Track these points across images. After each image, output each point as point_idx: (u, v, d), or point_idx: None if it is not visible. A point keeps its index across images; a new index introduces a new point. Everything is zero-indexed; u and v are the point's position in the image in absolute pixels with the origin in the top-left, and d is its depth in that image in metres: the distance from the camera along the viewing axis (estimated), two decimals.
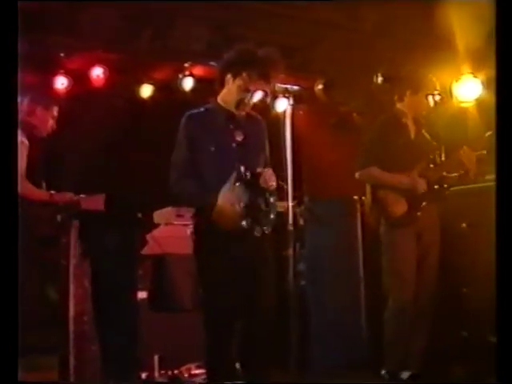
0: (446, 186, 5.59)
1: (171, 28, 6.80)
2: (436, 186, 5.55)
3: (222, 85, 4.39)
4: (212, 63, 6.96)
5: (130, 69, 7.12)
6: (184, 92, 7.26)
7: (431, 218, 5.61)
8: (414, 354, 5.56)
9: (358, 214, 6.93)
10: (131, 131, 7.18)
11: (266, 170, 4.23)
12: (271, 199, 4.19)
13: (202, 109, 4.39)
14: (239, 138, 4.28)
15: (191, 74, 7.31)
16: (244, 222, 4.05)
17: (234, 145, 4.26)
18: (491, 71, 6.41)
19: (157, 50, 6.84)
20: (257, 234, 4.07)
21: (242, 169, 4.10)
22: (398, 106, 5.76)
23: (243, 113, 4.34)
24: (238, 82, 4.29)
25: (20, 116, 5.04)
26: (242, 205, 4.04)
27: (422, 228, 5.54)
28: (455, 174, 5.61)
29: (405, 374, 5.55)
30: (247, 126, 4.33)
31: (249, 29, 6.78)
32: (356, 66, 7.27)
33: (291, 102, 6.37)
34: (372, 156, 5.57)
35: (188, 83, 7.30)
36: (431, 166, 5.57)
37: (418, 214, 5.50)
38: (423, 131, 5.74)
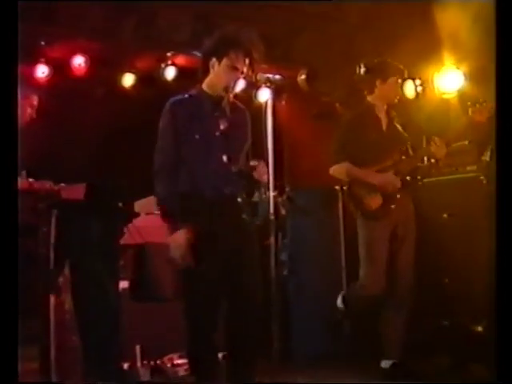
0: (418, 177, 5.59)
1: (154, 17, 6.81)
2: (408, 178, 5.56)
3: (206, 71, 4.31)
4: (194, 52, 6.96)
5: (111, 58, 7.10)
6: (166, 81, 7.24)
7: (406, 210, 5.64)
8: (394, 343, 5.56)
9: (340, 204, 6.89)
10: (112, 120, 7.10)
11: (258, 163, 4.21)
12: (263, 192, 4.13)
13: (186, 95, 4.32)
14: (223, 127, 4.18)
15: (173, 64, 7.29)
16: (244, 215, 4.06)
17: (217, 133, 4.18)
18: (473, 63, 6.43)
19: (139, 40, 6.83)
20: (257, 222, 4.11)
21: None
22: (369, 98, 5.78)
23: (231, 97, 4.25)
24: (226, 62, 4.21)
25: None
26: None
27: (397, 220, 5.58)
28: (427, 163, 5.63)
29: (386, 363, 5.55)
30: (232, 114, 4.25)
31: (231, 18, 6.67)
32: (339, 57, 7.28)
33: (273, 92, 6.33)
34: (344, 151, 5.59)
35: (170, 73, 7.27)
36: (403, 157, 5.55)
37: (393, 207, 5.52)
38: (395, 123, 5.73)
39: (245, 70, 4.22)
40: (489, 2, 3.90)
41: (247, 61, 4.21)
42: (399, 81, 5.70)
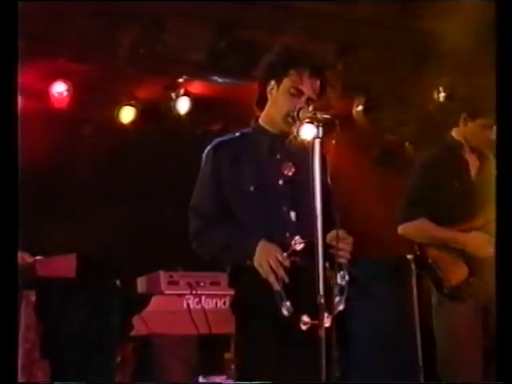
0: None
1: (160, 30, 6.76)
2: None
3: (264, 101, 4.17)
4: (214, 78, 7.13)
5: (104, 85, 7.03)
6: (178, 116, 7.24)
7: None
8: None
9: (414, 280, 6.64)
10: (105, 169, 7.11)
11: (339, 232, 3.91)
12: (339, 278, 3.89)
13: (236, 134, 4.20)
14: (289, 173, 4.03)
15: (187, 93, 7.31)
16: (285, 309, 3.73)
17: (281, 182, 4.04)
18: None
19: (141, 60, 6.77)
20: (303, 326, 3.70)
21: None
22: (454, 133, 5.57)
23: (294, 131, 4.00)
24: (286, 84, 4.03)
25: None
26: (280, 272, 3.77)
27: (490, 300, 5.25)
28: None
29: None
30: (300, 155, 3.97)
31: (260, 30, 6.78)
32: (409, 79, 7.14)
33: (321, 130, 6.14)
34: (419, 204, 5.38)
35: (183, 104, 7.30)
36: None
37: (483, 281, 5.21)
38: (489, 168, 5.49)
39: (312, 94, 4.01)
40: None
41: (317, 83, 4.05)
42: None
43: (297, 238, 3.79)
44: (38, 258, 5.46)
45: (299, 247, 3.78)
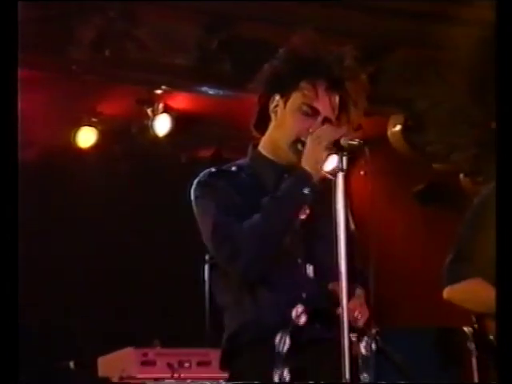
0: None
1: (132, 26, 6.84)
2: None
3: (265, 121, 4.09)
4: (203, 89, 7.29)
5: (56, 98, 6.86)
6: (155, 139, 7.11)
7: None
8: None
9: (474, 360, 6.15)
10: (55, 211, 6.98)
11: (357, 291, 3.80)
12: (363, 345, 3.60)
13: (232, 168, 4.14)
14: (302, 215, 3.90)
15: (167, 109, 7.38)
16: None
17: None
18: None
19: (106, 65, 6.85)
20: None
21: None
22: None
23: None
24: (296, 99, 3.91)
25: None
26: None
27: None
28: None
29: None
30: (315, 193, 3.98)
31: (262, 27, 6.87)
32: (463, 89, 7.19)
33: (345, 160, 6.03)
34: (474, 259, 5.05)
35: (162, 124, 7.35)
36: None
37: None
38: None
39: (330, 114, 3.91)
40: None
41: (335, 98, 3.93)
42: None
43: (299, 307, 3.66)
44: None
45: (302, 320, 3.64)
